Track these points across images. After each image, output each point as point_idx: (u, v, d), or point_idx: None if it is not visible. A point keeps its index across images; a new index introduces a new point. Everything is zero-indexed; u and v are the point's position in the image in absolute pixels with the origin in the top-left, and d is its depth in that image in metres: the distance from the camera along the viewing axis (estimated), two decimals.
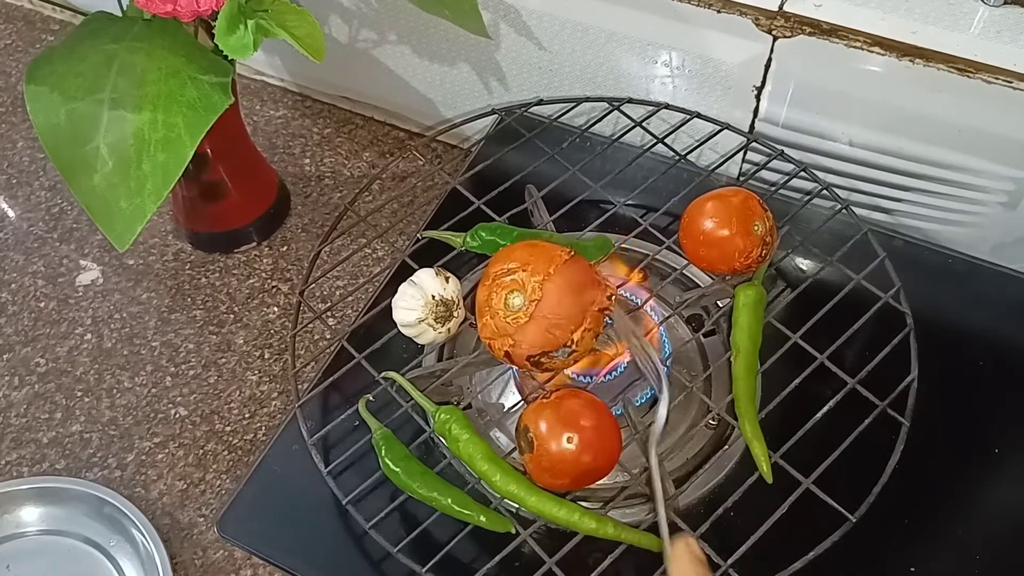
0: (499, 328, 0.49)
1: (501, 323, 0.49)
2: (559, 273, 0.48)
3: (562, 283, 0.48)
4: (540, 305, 0.48)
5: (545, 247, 0.50)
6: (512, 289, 0.49)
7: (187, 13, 0.50)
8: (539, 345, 0.49)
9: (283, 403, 0.65)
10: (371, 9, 0.74)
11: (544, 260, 0.49)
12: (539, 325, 0.48)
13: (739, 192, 0.57)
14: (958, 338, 0.60)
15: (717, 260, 0.57)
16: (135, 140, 0.53)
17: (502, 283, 0.49)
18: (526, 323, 0.48)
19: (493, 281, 0.50)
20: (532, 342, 0.49)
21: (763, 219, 0.55)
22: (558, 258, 0.49)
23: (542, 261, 0.49)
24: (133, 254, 0.75)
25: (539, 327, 0.48)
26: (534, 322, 0.48)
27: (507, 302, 0.49)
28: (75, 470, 0.63)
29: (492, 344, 0.50)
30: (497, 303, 0.49)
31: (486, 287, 0.50)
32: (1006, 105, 0.56)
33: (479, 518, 0.50)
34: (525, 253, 0.50)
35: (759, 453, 0.50)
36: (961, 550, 0.53)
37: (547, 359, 0.49)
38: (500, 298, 0.49)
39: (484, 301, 0.50)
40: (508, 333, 0.49)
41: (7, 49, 0.93)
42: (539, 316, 0.48)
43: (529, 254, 0.50)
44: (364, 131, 0.83)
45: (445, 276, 0.55)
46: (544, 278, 0.48)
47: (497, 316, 0.49)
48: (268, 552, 0.54)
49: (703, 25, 0.61)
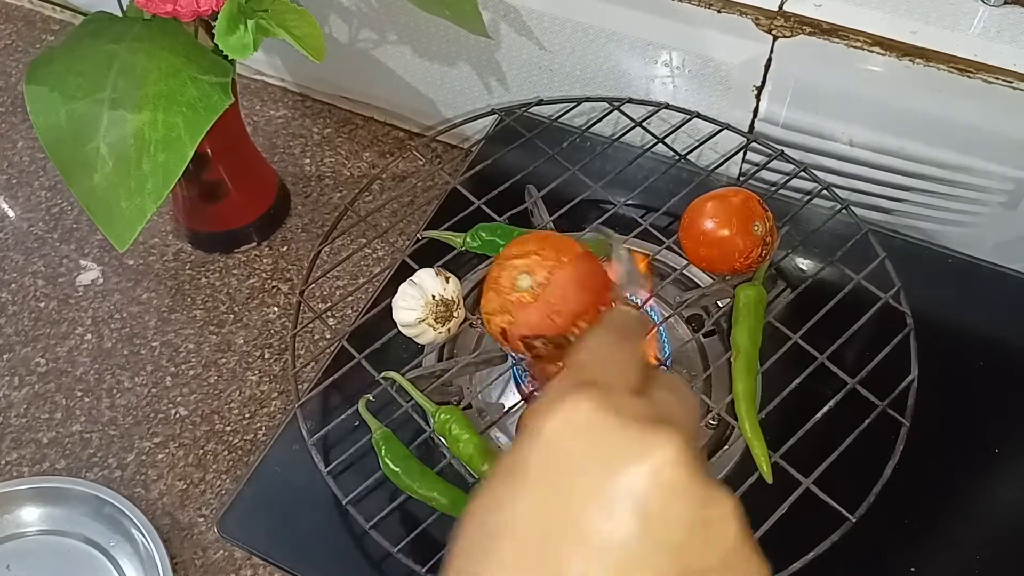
0: (502, 305, 0.50)
1: (505, 300, 0.50)
2: (572, 264, 0.49)
3: (573, 274, 0.49)
4: (547, 290, 0.49)
5: (562, 240, 0.51)
6: (522, 271, 0.50)
7: (187, 13, 0.50)
8: (537, 328, 0.49)
9: (283, 403, 0.65)
10: (371, 9, 0.74)
11: (559, 250, 0.50)
12: (541, 309, 0.49)
13: (739, 192, 0.57)
14: (958, 338, 0.60)
15: (717, 260, 0.57)
16: (135, 140, 0.53)
17: (514, 264, 0.50)
18: (529, 304, 0.49)
19: (506, 261, 0.51)
20: (531, 323, 0.49)
21: (763, 219, 0.55)
22: (572, 251, 0.50)
23: (557, 251, 0.50)
24: (133, 254, 0.75)
25: (541, 311, 0.49)
26: (537, 305, 0.49)
27: (515, 282, 0.50)
28: (75, 470, 0.63)
29: (491, 320, 0.51)
30: (505, 281, 0.50)
31: (498, 265, 0.51)
32: (1006, 105, 0.56)
33: None
34: (541, 242, 0.51)
35: (759, 453, 0.51)
36: (961, 550, 0.53)
37: (541, 344, 0.50)
38: (509, 277, 0.50)
39: (493, 278, 0.51)
40: (509, 311, 0.49)
41: (7, 49, 0.93)
42: (543, 300, 0.49)
43: (545, 243, 0.51)
44: (364, 131, 0.83)
45: (445, 276, 0.55)
46: (556, 265, 0.49)
47: (503, 293, 0.50)
48: (268, 552, 0.54)
49: (703, 25, 0.61)
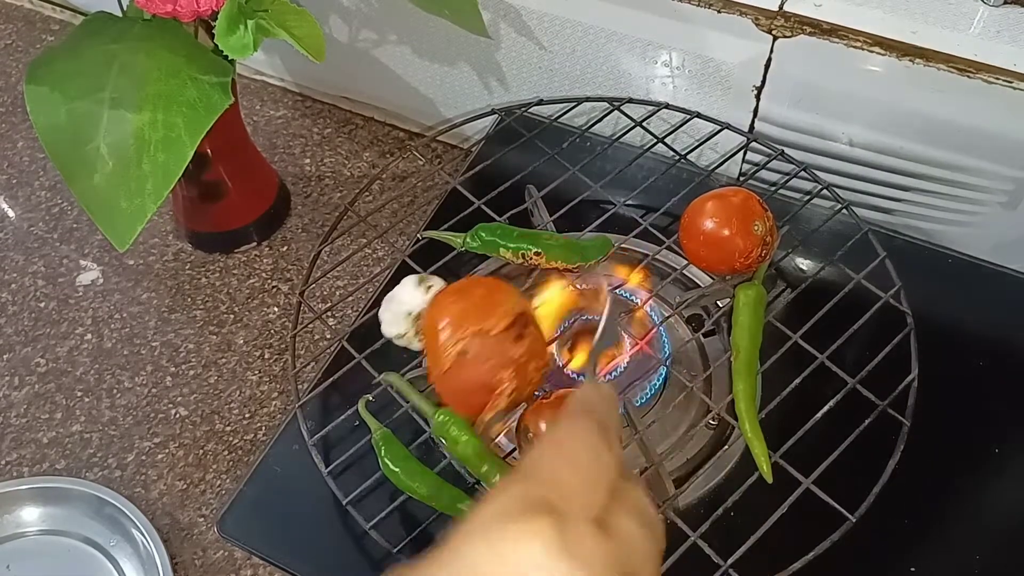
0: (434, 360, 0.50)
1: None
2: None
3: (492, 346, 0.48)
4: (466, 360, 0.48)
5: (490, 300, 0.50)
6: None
7: (187, 13, 0.51)
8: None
9: (283, 403, 0.65)
10: (371, 9, 0.74)
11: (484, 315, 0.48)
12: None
13: (739, 192, 0.57)
14: (958, 338, 0.60)
15: (717, 260, 0.57)
16: (135, 140, 0.53)
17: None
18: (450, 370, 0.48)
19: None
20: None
21: (763, 219, 0.55)
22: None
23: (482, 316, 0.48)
24: (133, 254, 0.75)
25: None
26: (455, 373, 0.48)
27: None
28: (75, 470, 0.63)
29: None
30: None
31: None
32: (1006, 105, 0.56)
33: None
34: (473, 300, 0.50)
35: (759, 453, 0.50)
36: (961, 550, 0.53)
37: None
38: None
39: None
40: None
41: (7, 49, 0.93)
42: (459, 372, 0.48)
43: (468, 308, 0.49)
44: (364, 131, 0.83)
45: (427, 285, 0.55)
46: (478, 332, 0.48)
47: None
48: (268, 552, 0.54)
49: (703, 25, 0.61)
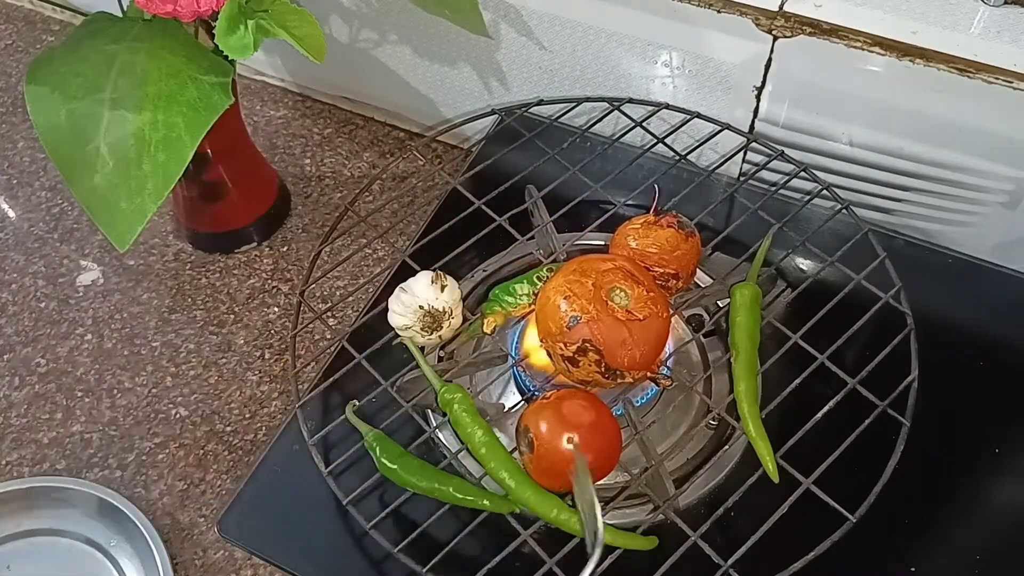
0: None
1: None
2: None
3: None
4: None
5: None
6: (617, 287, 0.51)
7: (187, 13, 0.50)
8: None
9: (283, 403, 0.65)
10: (371, 9, 0.74)
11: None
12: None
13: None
14: (958, 338, 0.60)
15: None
16: (135, 140, 0.53)
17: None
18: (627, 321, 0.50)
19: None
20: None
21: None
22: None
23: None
24: (133, 254, 0.75)
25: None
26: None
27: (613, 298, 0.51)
28: (75, 470, 0.63)
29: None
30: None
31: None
32: (1006, 105, 0.56)
33: (482, 502, 0.50)
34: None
35: (764, 453, 0.50)
36: (961, 550, 0.52)
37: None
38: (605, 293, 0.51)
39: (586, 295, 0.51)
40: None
41: (7, 49, 0.93)
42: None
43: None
44: (364, 131, 0.83)
45: (442, 284, 0.55)
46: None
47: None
48: (268, 552, 0.54)
49: (703, 25, 0.61)
